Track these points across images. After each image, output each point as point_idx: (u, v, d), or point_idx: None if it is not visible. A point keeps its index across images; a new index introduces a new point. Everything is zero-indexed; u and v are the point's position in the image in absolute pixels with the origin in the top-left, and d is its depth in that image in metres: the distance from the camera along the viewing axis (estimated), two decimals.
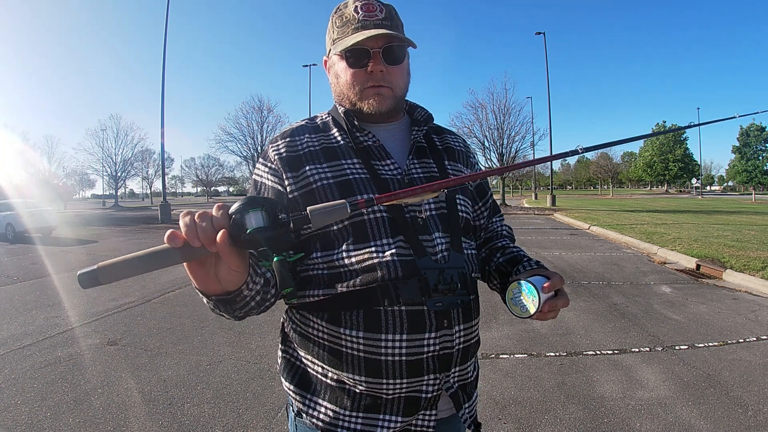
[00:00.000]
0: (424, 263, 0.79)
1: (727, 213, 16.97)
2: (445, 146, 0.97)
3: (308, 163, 0.84)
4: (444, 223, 0.84)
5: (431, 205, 0.85)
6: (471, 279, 0.85)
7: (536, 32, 27.35)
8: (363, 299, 0.79)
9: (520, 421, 2.33)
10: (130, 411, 2.47)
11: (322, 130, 0.91)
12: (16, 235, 11.93)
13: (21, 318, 4.33)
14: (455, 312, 0.80)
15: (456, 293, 0.80)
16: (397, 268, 0.78)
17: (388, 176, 0.84)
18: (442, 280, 0.79)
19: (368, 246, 0.79)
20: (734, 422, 2.27)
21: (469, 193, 0.95)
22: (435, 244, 0.81)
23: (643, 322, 3.94)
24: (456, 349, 0.81)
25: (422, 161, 0.89)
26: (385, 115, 0.88)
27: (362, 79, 0.85)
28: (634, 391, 2.63)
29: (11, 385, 2.80)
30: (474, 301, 0.86)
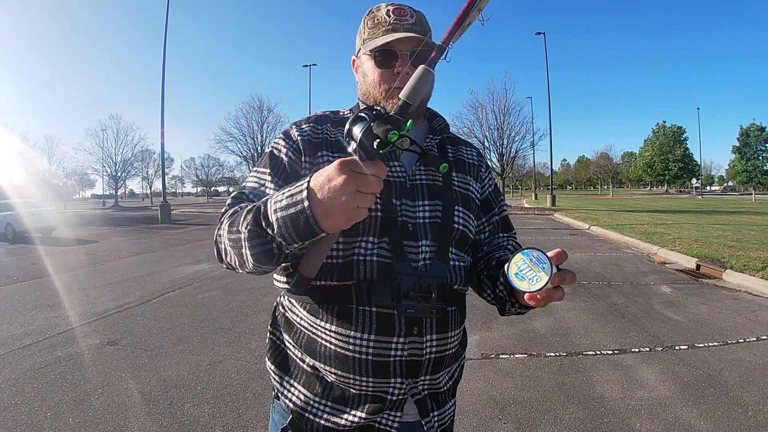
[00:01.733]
0: (402, 268, 0.79)
1: (727, 213, 16.97)
2: (457, 158, 0.97)
3: (326, 149, 0.87)
4: (434, 232, 0.84)
5: (425, 213, 0.85)
6: (452, 291, 0.85)
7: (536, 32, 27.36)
8: (338, 295, 0.81)
9: (520, 421, 2.33)
10: (130, 411, 2.47)
11: (342, 125, 0.92)
12: (16, 235, 11.93)
13: (21, 318, 4.33)
14: (428, 321, 0.81)
15: (430, 302, 0.80)
16: (374, 269, 0.79)
17: (392, 179, 0.86)
18: (417, 287, 0.79)
19: (354, 242, 0.80)
20: (734, 422, 2.27)
21: (474, 207, 0.95)
22: (419, 251, 0.82)
23: (643, 322, 3.94)
24: (426, 358, 0.81)
25: (429, 169, 0.90)
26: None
27: (388, 79, 0.88)
28: (634, 391, 2.63)
29: (11, 385, 2.80)
30: (454, 313, 0.86)
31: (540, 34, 26.74)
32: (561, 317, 4.09)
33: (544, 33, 26.24)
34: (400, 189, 0.85)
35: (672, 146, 61.84)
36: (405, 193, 0.85)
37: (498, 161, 25.83)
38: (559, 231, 11.95)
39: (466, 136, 25.34)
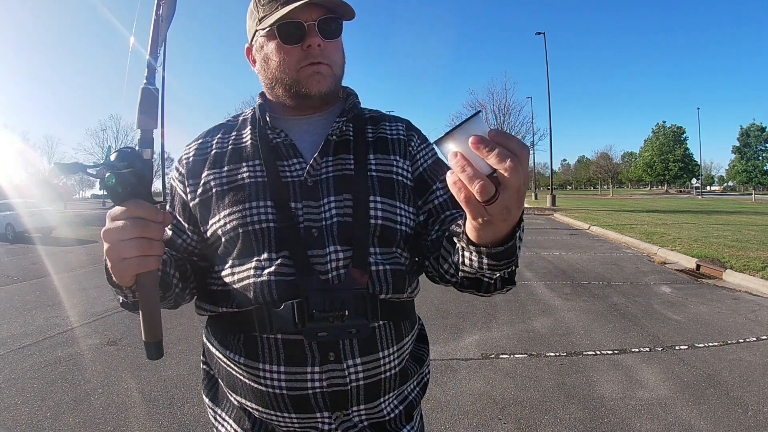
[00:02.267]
0: (308, 284, 0.68)
1: (727, 213, 16.97)
2: (377, 137, 0.81)
3: (211, 167, 0.77)
4: (345, 234, 0.70)
5: (332, 212, 0.72)
6: (377, 302, 0.70)
7: (536, 32, 27.37)
8: (241, 323, 0.72)
9: (520, 421, 2.33)
10: (130, 411, 2.47)
11: (238, 129, 0.82)
12: (16, 235, 11.93)
13: (21, 318, 4.33)
14: (346, 344, 0.68)
15: (347, 320, 0.67)
16: (272, 290, 0.68)
17: (290, 178, 0.74)
18: (329, 304, 0.67)
19: (250, 262, 0.71)
20: (734, 422, 2.27)
21: (401, 191, 0.77)
22: (327, 261, 0.69)
23: (643, 322, 3.94)
24: (353, 386, 0.69)
25: (339, 157, 0.76)
26: (323, 99, 0.78)
27: (298, 57, 0.74)
28: (634, 391, 2.63)
29: (11, 385, 2.80)
30: (385, 328, 0.72)
31: (540, 34, 26.76)
32: (561, 317, 4.10)
33: (544, 33, 26.27)
34: (300, 189, 0.73)
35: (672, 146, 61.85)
36: (306, 194, 0.73)
37: None
38: (559, 231, 11.95)
39: None
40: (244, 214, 0.71)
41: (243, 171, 0.75)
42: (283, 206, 0.71)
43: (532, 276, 5.87)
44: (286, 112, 0.82)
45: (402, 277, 0.74)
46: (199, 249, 0.80)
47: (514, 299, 4.63)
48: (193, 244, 0.80)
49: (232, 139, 0.81)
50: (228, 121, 0.86)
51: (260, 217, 0.71)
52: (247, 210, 0.71)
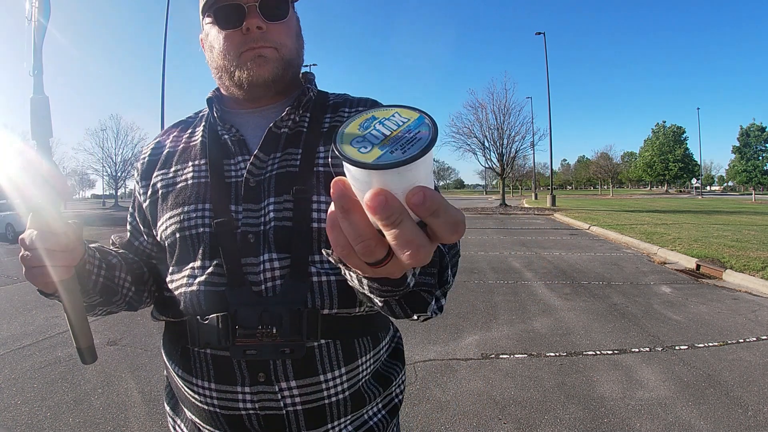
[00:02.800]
0: (238, 296, 0.62)
1: (727, 213, 16.97)
2: (331, 127, 0.72)
3: (161, 167, 0.74)
4: (283, 240, 0.63)
5: (270, 215, 0.65)
6: (318, 318, 0.63)
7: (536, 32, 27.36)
8: (177, 334, 0.69)
9: (520, 421, 2.33)
10: (130, 411, 2.47)
11: (194, 126, 0.78)
12: (16, 235, 11.94)
13: (21, 318, 4.33)
14: (278, 364, 0.61)
15: (278, 338, 0.60)
16: (201, 301, 0.64)
17: (233, 179, 0.68)
18: (257, 320, 0.61)
19: (185, 269, 0.67)
20: (734, 422, 2.27)
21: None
22: (260, 270, 0.63)
23: (643, 322, 3.94)
24: (289, 411, 0.63)
25: (286, 153, 0.69)
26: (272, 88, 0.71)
27: (237, 41, 0.68)
28: (634, 391, 2.63)
29: (11, 385, 2.80)
30: (327, 348, 0.64)
31: (540, 34, 26.75)
32: (561, 317, 4.10)
33: (544, 33, 26.26)
34: (242, 191, 0.67)
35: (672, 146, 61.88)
36: (248, 195, 0.66)
37: (498, 161, 25.84)
38: (559, 231, 11.95)
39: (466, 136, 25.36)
40: (182, 218, 0.67)
41: (188, 171, 0.71)
42: (220, 210, 0.66)
43: (532, 276, 5.86)
44: (239, 105, 0.76)
45: (351, 290, 0.63)
46: (155, 252, 0.78)
47: (514, 299, 4.63)
48: (149, 246, 0.78)
49: (185, 137, 0.77)
50: (188, 117, 0.82)
51: (196, 222, 0.66)
52: (185, 214, 0.67)
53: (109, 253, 0.72)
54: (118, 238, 0.82)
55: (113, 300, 0.70)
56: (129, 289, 0.72)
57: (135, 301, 0.75)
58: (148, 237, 0.77)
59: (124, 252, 0.79)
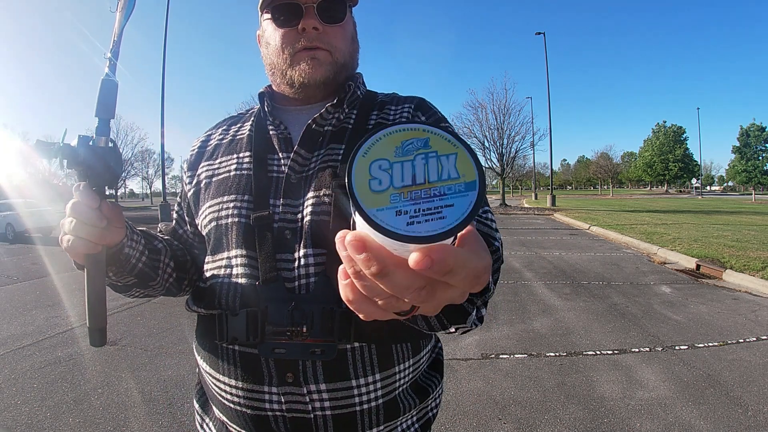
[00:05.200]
0: (270, 292, 0.60)
1: (727, 213, 16.97)
2: (377, 123, 0.72)
3: (207, 159, 0.76)
4: (320, 235, 0.61)
5: (308, 209, 0.63)
6: (351, 320, 0.60)
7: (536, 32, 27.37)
8: (207, 327, 0.68)
9: (520, 421, 2.33)
10: (130, 411, 2.47)
11: (243, 121, 0.79)
12: (16, 235, 11.93)
13: (21, 318, 4.33)
14: (308, 365, 0.59)
15: (309, 338, 0.58)
16: (235, 295, 0.63)
17: (275, 173, 0.68)
18: (288, 318, 0.59)
19: (221, 258, 0.66)
20: (734, 422, 2.27)
21: None
22: (295, 266, 0.61)
23: (643, 322, 3.94)
24: (317, 416, 0.60)
25: (329, 148, 0.68)
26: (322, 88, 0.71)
27: (292, 41, 0.69)
28: (634, 391, 2.63)
29: (11, 385, 2.80)
30: (361, 351, 0.61)
31: (540, 34, 26.75)
32: (561, 317, 4.10)
33: (544, 33, 26.26)
34: (282, 186, 0.66)
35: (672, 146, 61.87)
36: (288, 191, 0.66)
37: (498, 161, 25.85)
38: (559, 231, 11.95)
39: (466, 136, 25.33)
40: (220, 207, 0.68)
41: (231, 163, 0.72)
42: (260, 203, 0.65)
43: (532, 276, 5.86)
44: (289, 102, 0.77)
45: None
46: (197, 242, 0.79)
47: (514, 299, 4.63)
48: (192, 237, 0.79)
49: (233, 130, 0.78)
50: (239, 113, 0.83)
51: (233, 211, 0.66)
52: (223, 203, 0.68)
53: (155, 237, 0.74)
54: (165, 225, 0.83)
55: (150, 284, 0.71)
56: (170, 275, 0.73)
57: (174, 288, 0.76)
58: (191, 227, 0.78)
59: (169, 239, 0.79)
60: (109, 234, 0.58)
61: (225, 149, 0.75)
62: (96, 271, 0.59)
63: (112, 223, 0.59)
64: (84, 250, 0.57)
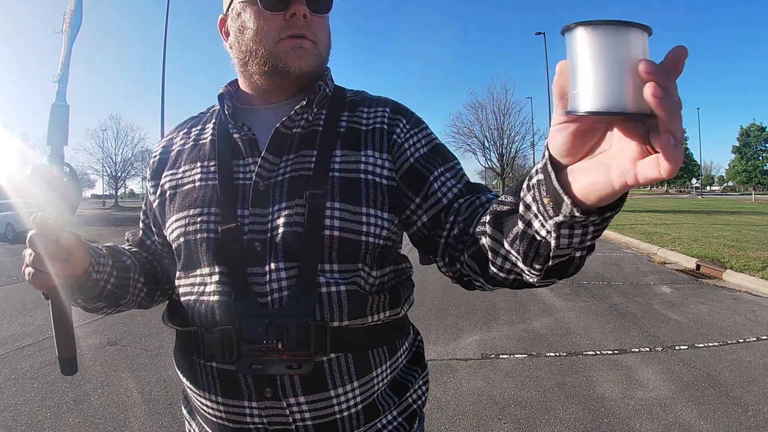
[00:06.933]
0: (244, 307, 0.59)
1: (727, 213, 16.98)
2: (349, 128, 0.68)
3: (170, 167, 0.72)
4: (292, 248, 0.60)
5: (280, 221, 0.61)
6: (326, 331, 0.59)
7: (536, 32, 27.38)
8: (184, 344, 0.68)
9: (520, 421, 2.33)
10: (130, 411, 2.47)
11: (204, 122, 0.75)
12: (16, 235, 11.93)
13: (21, 318, 4.33)
14: (286, 379, 0.59)
15: (285, 353, 0.57)
16: (205, 312, 0.62)
17: (242, 181, 0.65)
18: (262, 333, 0.58)
19: (192, 276, 0.65)
20: (734, 422, 2.27)
21: (372, 193, 0.64)
22: (266, 281, 0.60)
23: (643, 322, 3.94)
24: (298, 426, 0.60)
25: (300, 154, 0.65)
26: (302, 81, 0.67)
27: (278, 27, 0.64)
28: (634, 391, 2.63)
29: (11, 385, 2.80)
30: (338, 362, 0.61)
31: (540, 34, 26.75)
32: (561, 317, 4.10)
33: (544, 33, 26.26)
34: (250, 194, 0.63)
35: None
36: (256, 199, 0.63)
37: (498, 161, 25.86)
38: None
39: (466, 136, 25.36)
40: (187, 222, 0.65)
41: (195, 172, 0.68)
42: (227, 215, 0.63)
43: None
44: (253, 100, 0.72)
45: (362, 300, 0.62)
46: (166, 252, 0.77)
47: (514, 299, 4.63)
48: (160, 247, 0.77)
49: (194, 134, 0.73)
50: (200, 113, 0.78)
51: (201, 226, 0.63)
52: (190, 218, 0.65)
53: (123, 254, 0.72)
54: (132, 235, 0.82)
55: (121, 303, 0.71)
56: (141, 290, 0.73)
57: (146, 301, 0.76)
58: (159, 237, 0.76)
59: (137, 251, 0.79)
60: (69, 265, 0.58)
61: (188, 156, 0.71)
62: (60, 301, 0.58)
63: (73, 253, 0.58)
64: (45, 283, 0.57)
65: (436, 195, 0.65)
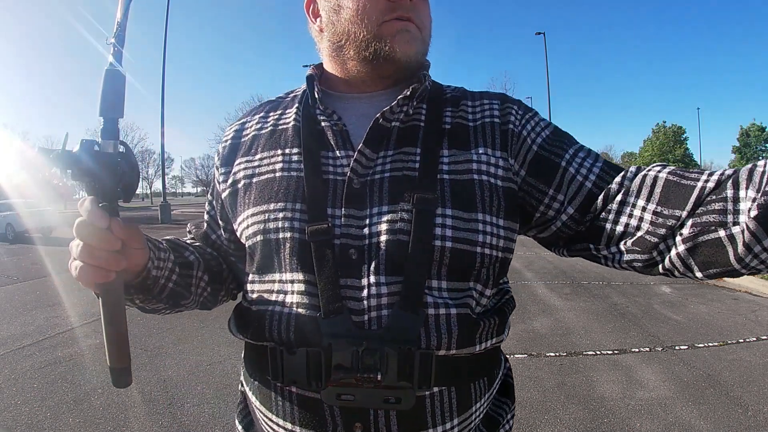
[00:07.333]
0: (335, 326, 0.50)
1: None
2: (455, 124, 0.60)
3: (244, 154, 0.64)
4: (396, 260, 0.51)
5: (381, 227, 0.52)
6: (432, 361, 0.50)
7: (536, 32, 27.39)
8: (256, 359, 0.58)
9: (520, 421, 2.33)
10: (130, 411, 2.47)
11: (285, 107, 0.66)
12: (16, 235, 11.94)
13: (21, 318, 4.33)
14: (380, 414, 0.50)
15: (382, 384, 0.49)
16: (290, 327, 0.52)
17: (332, 176, 0.57)
18: (357, 359, 0.49)
19: (270, 282, 0.56)
20: (734, 422, 2.27)
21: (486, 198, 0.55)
22: (363, 296, 0.51)
23: (643, 322, 3.94)
24: None
25: (401, 152, 0.57)
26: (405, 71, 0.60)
27: (382, 7, 0.56)
28: (634, 391, 2.63)
29: (11, 385, 2.80)
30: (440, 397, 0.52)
31: (540, 34, 26.78)
32: (561, 317, 4.10)
33: (544, 33, 26.29)
34: (343, 191, 0.55)
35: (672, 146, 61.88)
36: (351, 198, 0.55)
37: None
38: None
39: None
40: (267, 218, 0.56)
41: (276, 160, 0.60)
42: (317, 213, 0.54)
43: (532, 276, 5.87)
44: (342, 87, 0.64)
45: (474, 326, 0.53)
46: (233, 249, 0.68)
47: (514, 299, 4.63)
48: (227, 242, 0.68)
49: (273, 119, 0.65)
50: (278, 97, 0.70)
51: (284, 224, 0.55)
52: (271, 213, 0.56)
53: (186, 248, 0.65)
54: (194, 227, 0.74)
55: (182, 303, 0.63)
56: (204, 289, 0.65)
57: (209, 302, 0.68)
58: (226, 232, 0.67)
59: (200, 246, 0.70)
60: (124, 259, 0.49)
61: (266, 142, 0.62)
62: (113, 301, 0.49)
63: (129, 244, 0.50)
64: (95, 279, 0.48)
65: (576, 180, 0.55)
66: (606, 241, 0.54)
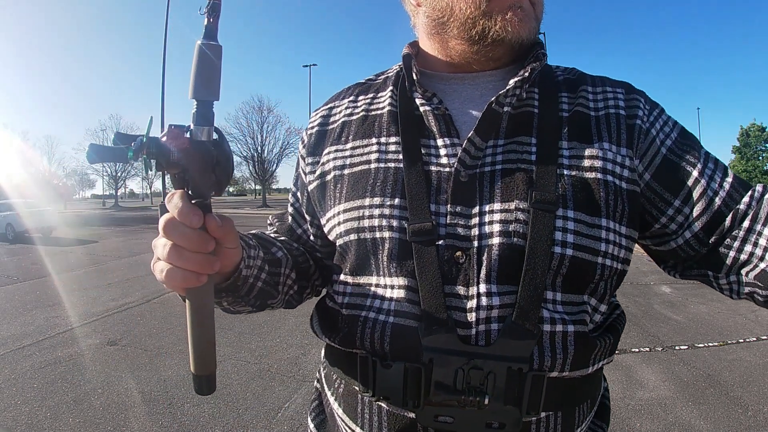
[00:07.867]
0: (437, 340, 0.45)
1: None
2: (574, 113, 0.52)
3: (333, 142, 0.58)
4: (510, 267, 0.46)
5: (493, 228, 0.46)
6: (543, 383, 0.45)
7: None
8: (344, 367, 0.53)
9: None
10: (130, 411, 2.47)
11: (377, 89, 0.60)
12: (16, 235, 11.93)
13: (21, 318, 4.33)
14: None
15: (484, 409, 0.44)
16: (385, 337, 0.47)
17: (435, 167, 0.50)
18: (462, 378, 0.44)
19: (367, 285, 0.51)
20: (734, 422, 2.27)
21: (611, 202, 0.48)
22: (472, 307, 0.45)
23: (643, 322, 3.94)
24: None
25: (514, 141, 0.50)
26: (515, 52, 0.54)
27: None
28: (634, 391, 2.63)
29: (11, 385, 2.80)
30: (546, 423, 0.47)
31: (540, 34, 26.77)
32: None
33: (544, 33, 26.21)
34: (449, 186, 0.49)
35: None
36: (457, 193, 0.48)
37: None
38: None
39: None
40: (362, 214, 0.51)
41: (371, 150, 0.54)
42: (419, 210, 0.48)
43: None
44: (445, 68, 0.57)
45: (590, 345, 0.47)
46: (320, 245, 0.63)
47: None
48: (313, 237, 0.63)
49: (364, 103, 0.59)
50: (368, 79, 0.63)
51: (383, 222, 0.49)
52: (366, 209, 0.50)
53: (273, 244, 0.59)
54: (277, 220, 0.68)
55: (269, 303, 0.57)
56: (291, 287, 0.60)
57: (295, 300, 0.63)
58: (312, 227, 0.62)
59: (286, 240, 0.65)
60: (217, 259, 0.43)
61: (357, 129, 0.56)
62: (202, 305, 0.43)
63: (223, 244, 0.43)
64: (185, 283, 0.41)
65: (706, 195, 0.49)
66: (726, 270, 0.50)
